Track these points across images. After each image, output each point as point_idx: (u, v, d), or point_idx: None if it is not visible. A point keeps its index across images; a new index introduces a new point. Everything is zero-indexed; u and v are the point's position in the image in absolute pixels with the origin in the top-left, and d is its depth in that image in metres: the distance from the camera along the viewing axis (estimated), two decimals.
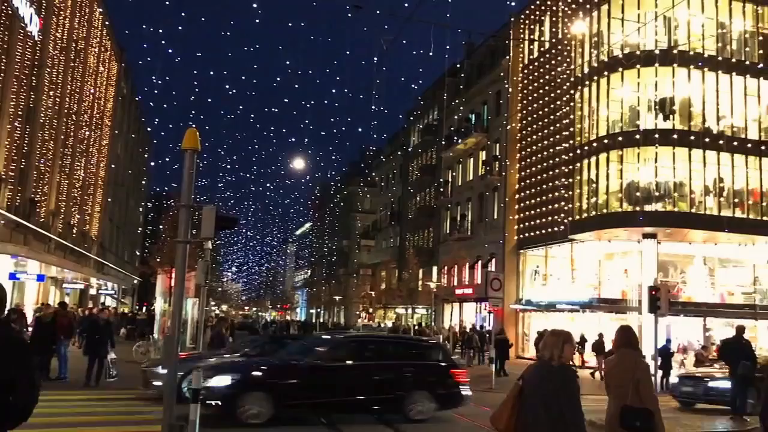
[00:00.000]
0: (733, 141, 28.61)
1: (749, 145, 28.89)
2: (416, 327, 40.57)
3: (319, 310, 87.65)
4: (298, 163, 46.79)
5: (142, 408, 12.64)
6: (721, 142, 28.37)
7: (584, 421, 4.77)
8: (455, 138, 46.09)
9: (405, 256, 53.71)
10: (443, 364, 13.32)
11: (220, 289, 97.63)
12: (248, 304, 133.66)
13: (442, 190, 48.91)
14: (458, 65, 48.58)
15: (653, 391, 5.57)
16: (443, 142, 48.64)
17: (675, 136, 28.05)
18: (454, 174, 48.28)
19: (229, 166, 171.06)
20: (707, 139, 28.13)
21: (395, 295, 52.92)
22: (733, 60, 29.28)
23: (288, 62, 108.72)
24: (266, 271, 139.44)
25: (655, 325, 22.00)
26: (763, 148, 29.10)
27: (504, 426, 4.90)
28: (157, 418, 9.18)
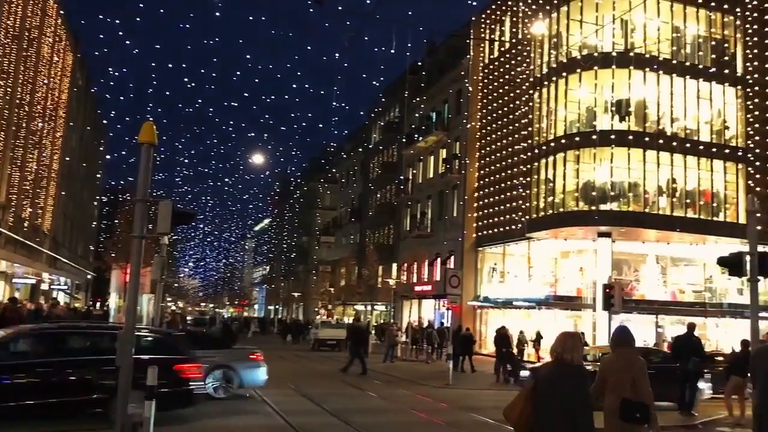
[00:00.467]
0: (686, 143, 29.31)
1: (701, 147, 29.64)
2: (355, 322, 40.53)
3: (277, 306, 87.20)
4: (258, 159, 46.49)
5: None
6: (674, 143, 29.04)
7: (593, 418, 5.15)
8: (416, 136, 46.28)
9: (365, 253, 53.73)
10: (165, 358, 11.24)
11: (176, 284, 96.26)
12: (205, 301, 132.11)
13: (402, 187, 49.06)
14: (419, 63, 48.76)
15: (648, 386, 5.99)
16: (404, 140, 48.79)
17: (630, 137, 28.62)
18: (414, 171, 48.46)
19: (186, 161, 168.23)
20: (661, 141, 28.77)
21: (354, 292, 52.99)
22: (687, 63, 29.99)
23: (248, 56, 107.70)
24: (224, 267, 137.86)
25: (609, 323, 22.46)
26: (714, 150, 29.89)
27: (516, 419, 5.28)
28: None
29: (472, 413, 13.82)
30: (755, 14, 31.22)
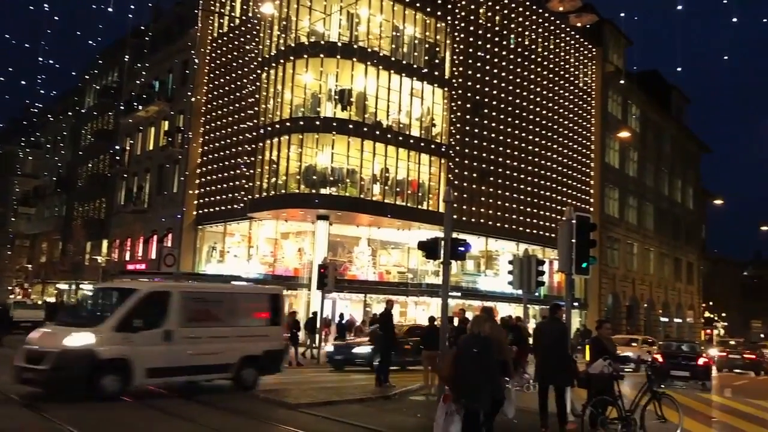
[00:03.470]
0: (399, 136, 31.62)
1: (411, 141, 32.21)
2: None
3: None
4: None
5: None
6: (389, 135, 31.15)
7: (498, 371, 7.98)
8: (136, 104, 43.48)
9: (71, 227, 49.48)
10: None
11: None
12: None
13: (118, 158, 45.89)
14: (143, 27, 45.82)
15: (507, 348, 9.55)
16: (122, 107, 45.60)
17: (350, 126, 30.02)
18: (132, 142, 45.58)
19: None
20: (378, 132, 30.68)
21: (57, 270, 48.64)
22: (404, 62, 32.29)
23: None
24: None
25: (322, 301, 23.56)
26: (422, 144, 32.67)
27: (446, 373, 7.71)
28: None
29: (181, 396, 13.40)
30: (463, 24, 34.76)
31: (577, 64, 43.71)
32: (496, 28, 37.12)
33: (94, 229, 47.02)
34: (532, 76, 39.16)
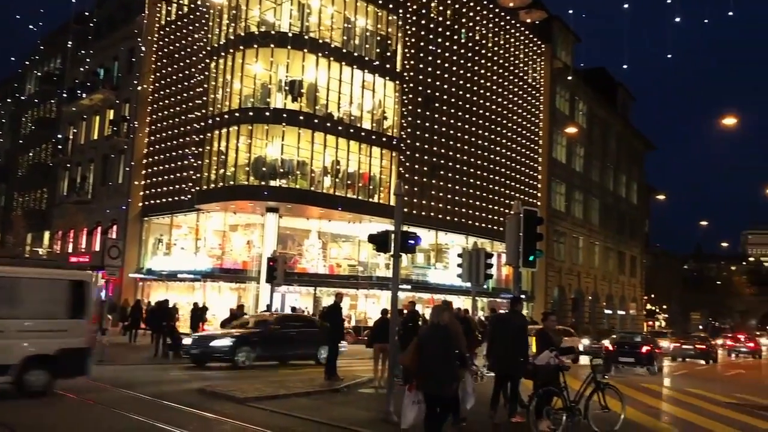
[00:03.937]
0: (350, 128, 31.51)
1: (363, 134, 32.14)
2: None
3: None
4: None
5: None
6: (340, 128, 31.01)
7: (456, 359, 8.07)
8: (80, 92, 42.29)
9: (11, 218, 47.94)
10: None
11: None
12: None
13: (61, 147, 44.56)
14: (87, 13, 44.50)
15: (463, 341, 9.54)
16: (65, 95, 44.26)
17: (301, 118, 29.78)
18: (75, 131, 44.36)
19: None
20: (329, 124, 30.51)
21: None
22: (355, 54, 32.17)
23: None
24: None
25: (271, 294, 23.37)
26: (374, 137, 32.65)
27: (410, 362, 7.83)
28: None
29: (126, 390, 13.11)
30: (414, 17, 34.80)
31: (526, 59, 44.28)
32: (448, 23, 37.29)
33: (35, 220, 45.64)
34: (482, 71, 39.51)
